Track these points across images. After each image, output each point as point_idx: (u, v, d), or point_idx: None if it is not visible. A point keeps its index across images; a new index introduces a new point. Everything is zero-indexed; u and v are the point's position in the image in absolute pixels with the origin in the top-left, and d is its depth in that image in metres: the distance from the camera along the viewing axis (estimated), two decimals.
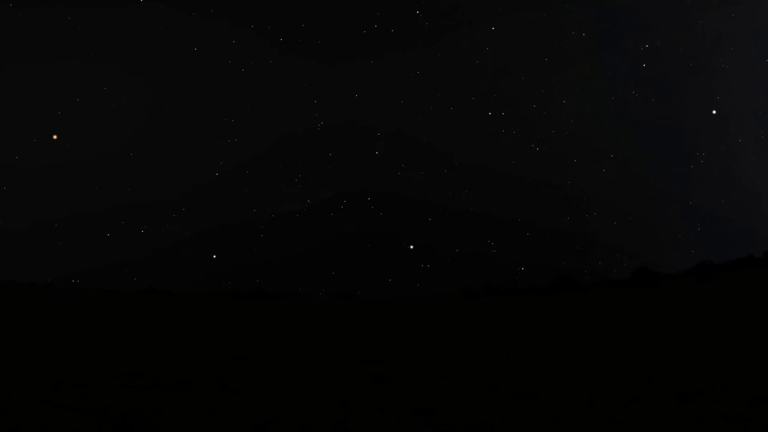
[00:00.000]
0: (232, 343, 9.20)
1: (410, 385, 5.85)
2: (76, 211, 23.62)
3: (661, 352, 7.42)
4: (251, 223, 24.09)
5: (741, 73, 25.15)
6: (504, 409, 4.83)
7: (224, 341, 9.46)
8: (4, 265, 22.75)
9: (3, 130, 23.37)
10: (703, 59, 25.42)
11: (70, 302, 15.35)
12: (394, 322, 12.82)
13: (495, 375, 6.38)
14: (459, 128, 25.43)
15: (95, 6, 23.90)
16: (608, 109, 25.92)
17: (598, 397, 5.18)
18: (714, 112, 25.07)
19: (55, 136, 22.98)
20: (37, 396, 5.18)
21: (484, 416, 4.64)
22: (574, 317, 12.56)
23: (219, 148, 24.45)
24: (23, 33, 23.73)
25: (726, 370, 6.05)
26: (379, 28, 24.94)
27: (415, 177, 25.08)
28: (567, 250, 24.46)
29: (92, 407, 4.85)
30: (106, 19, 24.12)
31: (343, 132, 25.26)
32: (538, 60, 25.46)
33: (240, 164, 24.58)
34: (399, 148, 25.30)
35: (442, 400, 5.21)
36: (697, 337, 8.57)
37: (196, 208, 24.14)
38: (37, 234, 23.22)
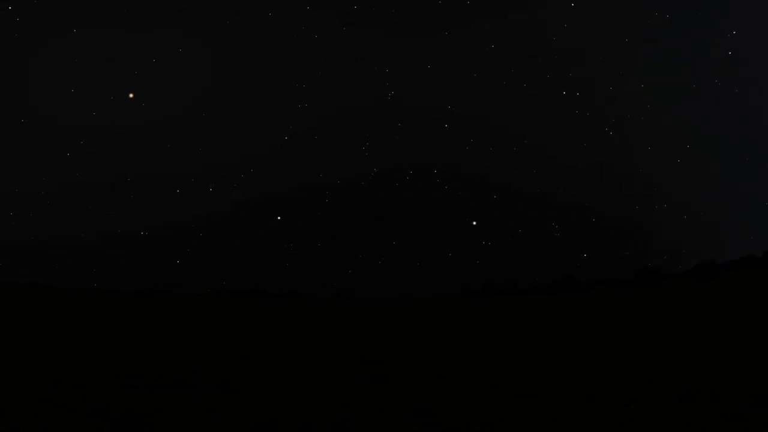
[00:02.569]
0: (232, 343, 9.20)
1: (410, 385, 5.85)
2: (147, 169, 24.09)
3: (661, 352, 7.42)
4: (317, 189, 24.19)
5: None
6: (504, 409, 4.83)
7: (224, 341, 9.46)
8: (78, 217, 23.33)
9: (83, 88, 23.82)
10: None
11: (70, 302, 15.36)
12: (394, 322, 12.82)
13: (495, 375, 6.38)
14: (531, 107, 24.87)
15: None
16: (688, 97, 24.66)
17: (598, 397, 5.18)
18: None
19: (131, 95, 23.50)
20: (37, 396, 5.18)
21: (484, 416, 4.64)
22: (574, 317, 12.56)
23: (290, 112, 24.51)
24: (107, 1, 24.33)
25: (726, 370, 6.05)
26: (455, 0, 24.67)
27: (483, 153, 24.58)
28: (631, 241, 23.78)
29: (92, 407, 4.85)
30: None
31: (413, 104, 25.03)
32: (617, 40, 24.52)
33: (310, 129, 24.65)
34: (468, 123, 24.92)
35: (442, 400, 5.21)
36: (697, 337, 8.57)
37: (264, 171, 24.35)
38: (111, 188, 23.73)
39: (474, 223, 23.11)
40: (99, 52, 23.93)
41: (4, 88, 23.36)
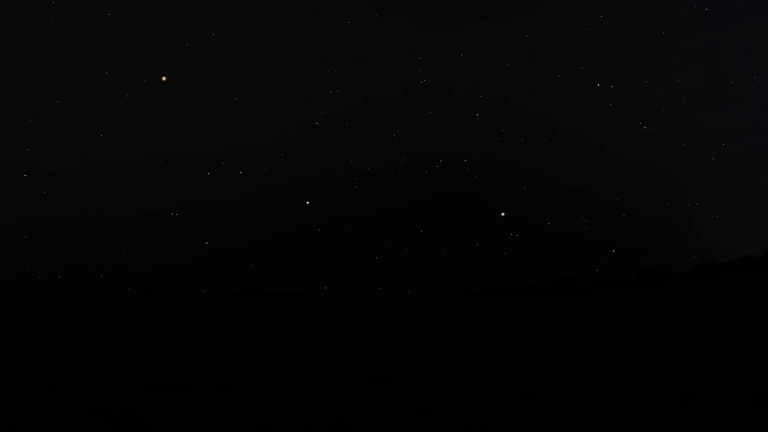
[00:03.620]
0: (232, 343, 9.20)
1: (410, 385, 5.85)
2: (179, 151, 24.30)
3: (661, 352, 7.42)
4: (346, 174, 24.21)
5: None
6: (504, 409, 4.83)
7: (224, 341, 9.46)
8: (110, 196, 23.63)
9: (117, 71, 24.08)
10: None
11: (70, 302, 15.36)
12: (394, 322, 12.82)
13: (495, 375, 6.38)
14: (564, 98, 24.47)
15: None
16: (725, 93, 24.25)
17: (598, 397, 5.18)
18: None
19: (164, 78, 23.80)
20: (37, 396, 5.18)
21: (484, 416, 4.64)
22: (574, 317, 12.56)
23: (321, 98, 24.55)
24: None
25: (726, 370, 6.05)
26: None
27: (514, 144, 24.25)
28: (662, 238, 23.32)
29: (92, 407, 4.85)
30: None
31: (445, 92, 24.85)
32: (653, 33, 24.04)
33: (340, 115, 24.67)
34: (500, 112, 24.65)
35: (442, 400, 5.21)
36: (697, 337, 8.58)
37: (294, 155, 24.45)
38: (142, 168, 23.96)
39: (502, 214, 22.91)
40: (133, 36, 24.14)
41: (40, 71, 23.62)
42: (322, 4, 24.65)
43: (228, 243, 23.10)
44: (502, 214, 22.89)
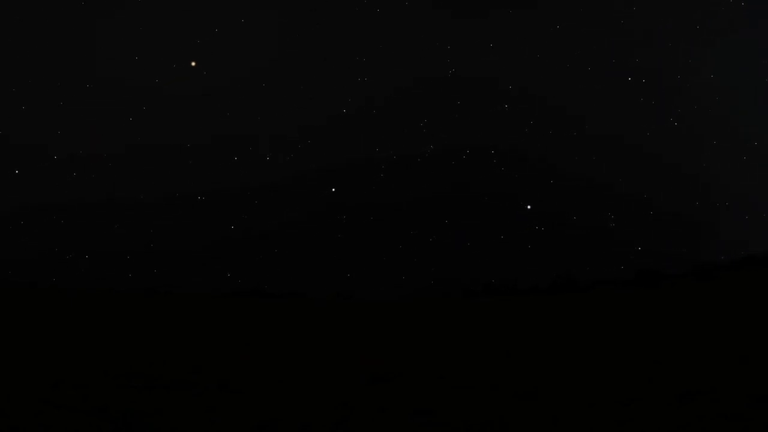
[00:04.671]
0: (232, 343, 9.20)
1: (410, 385, 5.85)
2: (207, 135, 24.43)
3: (661, 352, 7.42)
4: (373, 161, 24.18)
5: None
6: (504, 409, 4.83)
7: (224, 341, 9.46)
8: (139, 180, 23.92)
9: (147, 55, 24.24)
10: None
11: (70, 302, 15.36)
12: (394, 322, 12.82)
13: (495, 375, 6.38)
14: (594, 91, 24.10)
15: None
16: (760, 91, 23.39)
17: (599, 396, 5.18)
18: None
19: (193, 63, 23.97)
20: (37, 396, 5.18)
21: (484, 416, 4.64)
22: (574, 317, 12.56)
23: (349, 86, 24.52)
24: None
25: (726, 370, 6.05)
26: None
27: (542, 136, 23.90)
28: (690, 238, 22.94)
29: (92, 407, 4.85)
30: None
31: (474, 82, 24.66)
32: (688, 27, 23.56)
33: (368, 103, 24.60)
34: (529, 105, 24.38)
35: (442, 400, 5.21)
36: (697, 337, 8.57)
37: (321, 142, 24.47)
38: (171, 152, 24.13)
39: (528, 207, 22.74)
40: (162, 21, 24.21)
41: (70, 54, 23.77)
42: None
43: (254, 228, 23.16)
44: (528, 207, 22.72)
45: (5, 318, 11.60)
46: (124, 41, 24.04)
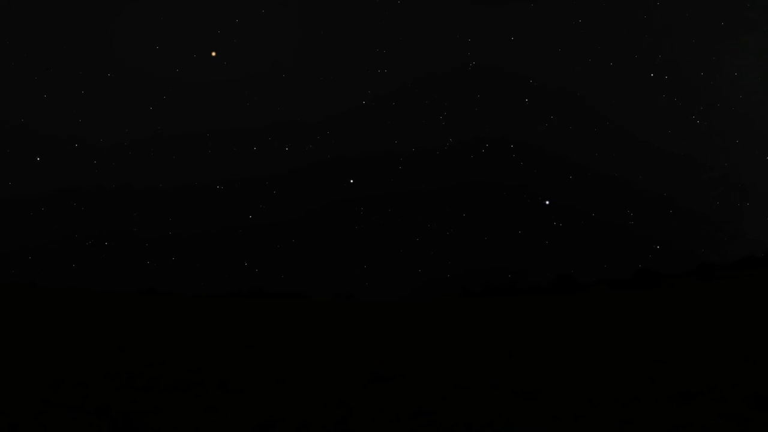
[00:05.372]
0: (232, 343, 9.20)
1: (410, 385, 5.85)
2: (226, 125, 24.45)
3: (661, 352, 7.42)
4: (391, 154, 24.14)
5: None
6: (504, 409, 4.83)
7: (224, 341, 9.46)
8: (158, 168, 24.01)
9: (168, 45, 24.34)
10: None
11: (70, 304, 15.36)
12: (394, 322, 12.82)
13: (495, 375, 6.38)
14: (616, 86, 23.87)
15: None
16: None
17: (599, 396, 5.18)
18: None
19: (213, 53, 24.16)
20: (37, 396, 5.18)
21: (484, 416, 4.64)
22: (574, 317, 12.56)
23: (369, 77, 24.48)
24: None
25: (726, 370, 6.05)
26: None
27: (562, 131, 23.66)
28: (709, 237, 22.66)
29: (92, 407, 4.85)
30: None
31: (494, 75, 24.49)
32: (712, 23, 23.37)
33: (387, 95, 24.54)
34: (549, 98, 24.17)
35: (442, 400, 5.21)
36: (697, 337, 8.58)
37: (339, 133, 24.47)
38: (190, 141, 24.21)
39: (547, 202, 22.59)
40: (183, 11, 24.25)
41: (92, 43, 23.85)
42: None
43: (272, 216, 23.16)
44: (547, 202, 22.57)
45: (5, 318, 11.60)
46: (145, 31, 24.10)
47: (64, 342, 8.76)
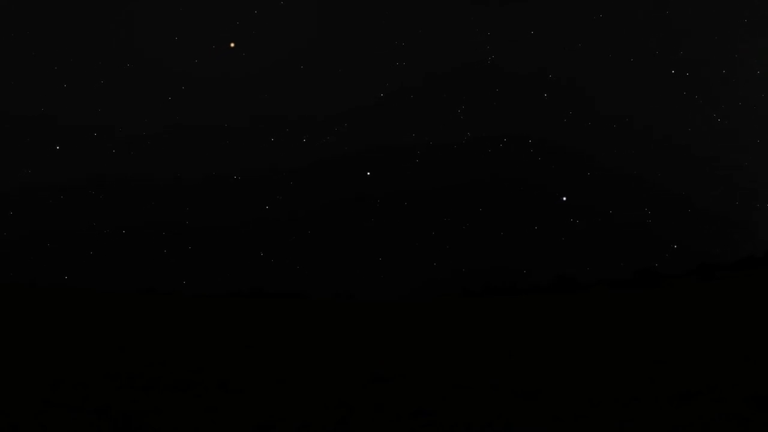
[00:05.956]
0: (232, 343, 9.20)
1: (410, 385, 5.85)
2: (245, 116, 24.51)
3: (661, 352, 7.42)
4: (408, 148, 24.06)
5: None
6: (504, 409, 4.83)
7: (224, 341, 9.46)
8: (176, 158, 24.20)
9: (186, 36, 24.43)
10: None
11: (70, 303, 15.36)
12: (394, 322, 12.82)
13: (495, 375, 6.38)
14: (636, 83, 23.52)
15: None
16: None
17: (599, 396, 5.18)
18: None
19: (232, 44, 24.21)
20: (37, 396, 5.18)
21: (484, 416, 4.64)
22: (574, 317, 12.56)
23: (387, 70, 24.41)
24: None
25: (726, 370, 6.05)
26: None
27: (581, 127, 23.36)
28: (725, 238, 22.29)
29: (92, 407, 4.85)
30: None
31: (513, 69, 24.28)
32: (735, 20, 23.02)
33: (405, 88, 24.45)
34: (569, 94, 23.92)
35: (442, 400, 5.21)
36: (697, 337, 8.58)
37: (357, 126, 24.40)
38: (209, 132, 24.29)
39: (564, 198, 22.41)
40: (203, 2, 24.31)
41: (112, 34, 23.94)
42: None
43: (288, 208, 23.18)
44: (564, 198, 22.39)
45: (5, 318, 11.60)
46: (164, 22, 24.16)
47: (64, 342, 8.76)
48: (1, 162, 22.80)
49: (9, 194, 22.54)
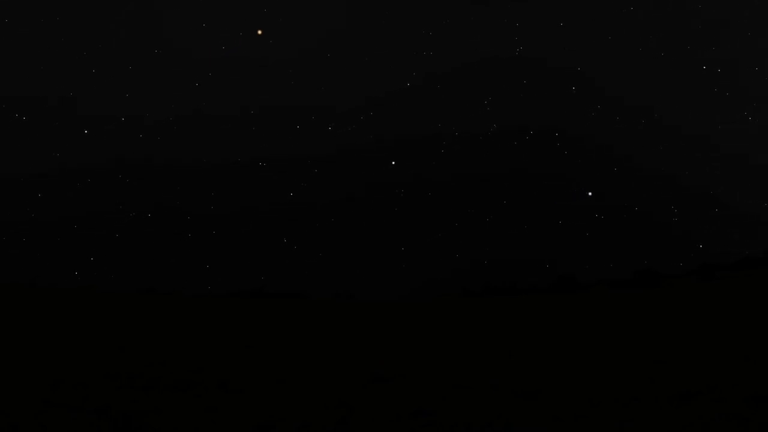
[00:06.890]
0: (232, 343, 9.20)
1: (410, 385, 5.85)
2: (271, 103, 24.56)
3: (661, 352, 7.42)
4: (433, 137, 23.90)
5: None
6: (504, 409, 4.83)
7: (224, 341, 9.46)
8: (202, 144, 24.54)
9: (214, 22, 24.52)
10: None
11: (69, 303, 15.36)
12: (394, 322, 12.82)
13: (495, 375, 6.38)
14: (666, 78, 23.07)
15: None
16: None
17: (599, 396, 5.18)
18: None
19: (260, 32, 24.21)
20: (37, 396, 5.18)
21: (484, 416, 4.64)
22: (574, 317, 12.56)
23: (413, 60, 24.25)
24: None
25: (726, 370, 6.05)
26: None
27: (609, 122, 22.93)
28: (753, 239, 21.82)
29: (92, 407, 4.85)
30: None
31: (541, 62, 23.97)
32: None
33: (432, 78, 24.28)
34: (597, 88, 23.52)
35: (442, 400, 5.21)
36: (697, 337, 8.58)
37: (383, 115, 24.28)
38: (235, 119, 24.36)
39: (590, 193, 22.20)
40: None
41: (140, 21, 24.08)
42: None
43: (310, 197, 23.20)
44: (589, 194, 22.17)
45: (5, 318, 11.60)
46: (193, 8, 24.26)
47: (64, 342, 8.75)
48: (30, 146, 23.00)
49: (41, 176, 22.66)
